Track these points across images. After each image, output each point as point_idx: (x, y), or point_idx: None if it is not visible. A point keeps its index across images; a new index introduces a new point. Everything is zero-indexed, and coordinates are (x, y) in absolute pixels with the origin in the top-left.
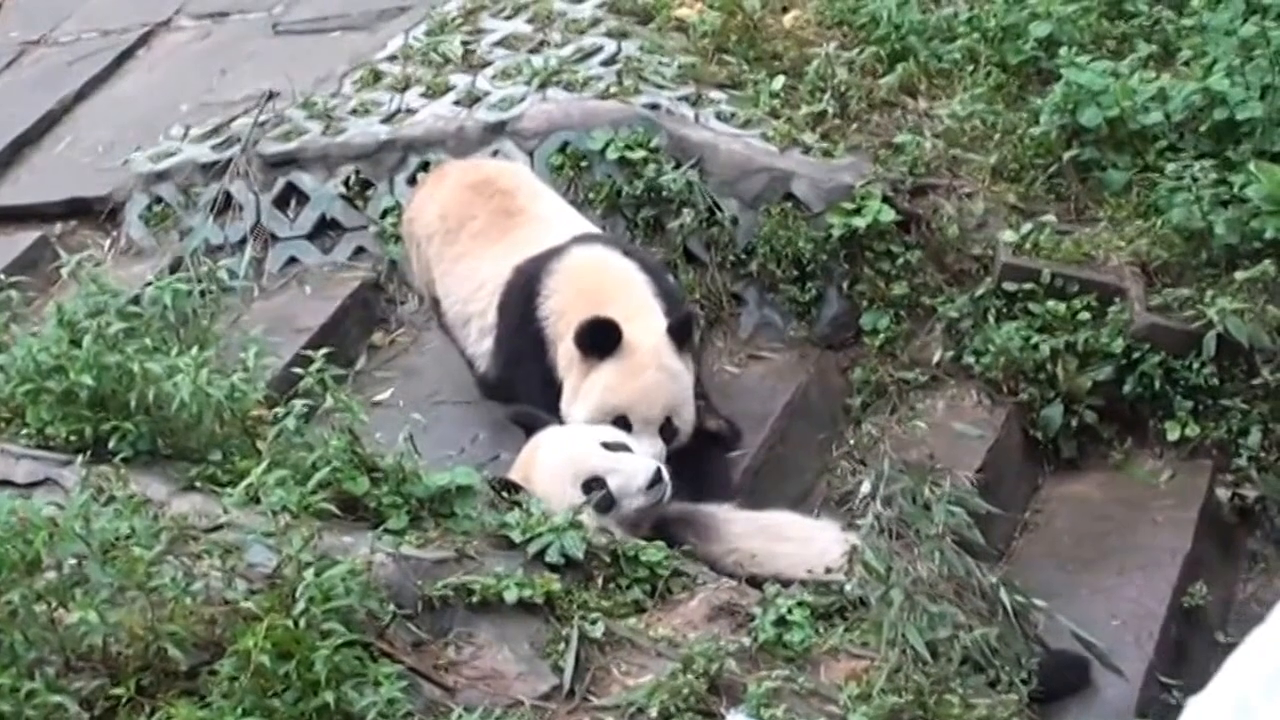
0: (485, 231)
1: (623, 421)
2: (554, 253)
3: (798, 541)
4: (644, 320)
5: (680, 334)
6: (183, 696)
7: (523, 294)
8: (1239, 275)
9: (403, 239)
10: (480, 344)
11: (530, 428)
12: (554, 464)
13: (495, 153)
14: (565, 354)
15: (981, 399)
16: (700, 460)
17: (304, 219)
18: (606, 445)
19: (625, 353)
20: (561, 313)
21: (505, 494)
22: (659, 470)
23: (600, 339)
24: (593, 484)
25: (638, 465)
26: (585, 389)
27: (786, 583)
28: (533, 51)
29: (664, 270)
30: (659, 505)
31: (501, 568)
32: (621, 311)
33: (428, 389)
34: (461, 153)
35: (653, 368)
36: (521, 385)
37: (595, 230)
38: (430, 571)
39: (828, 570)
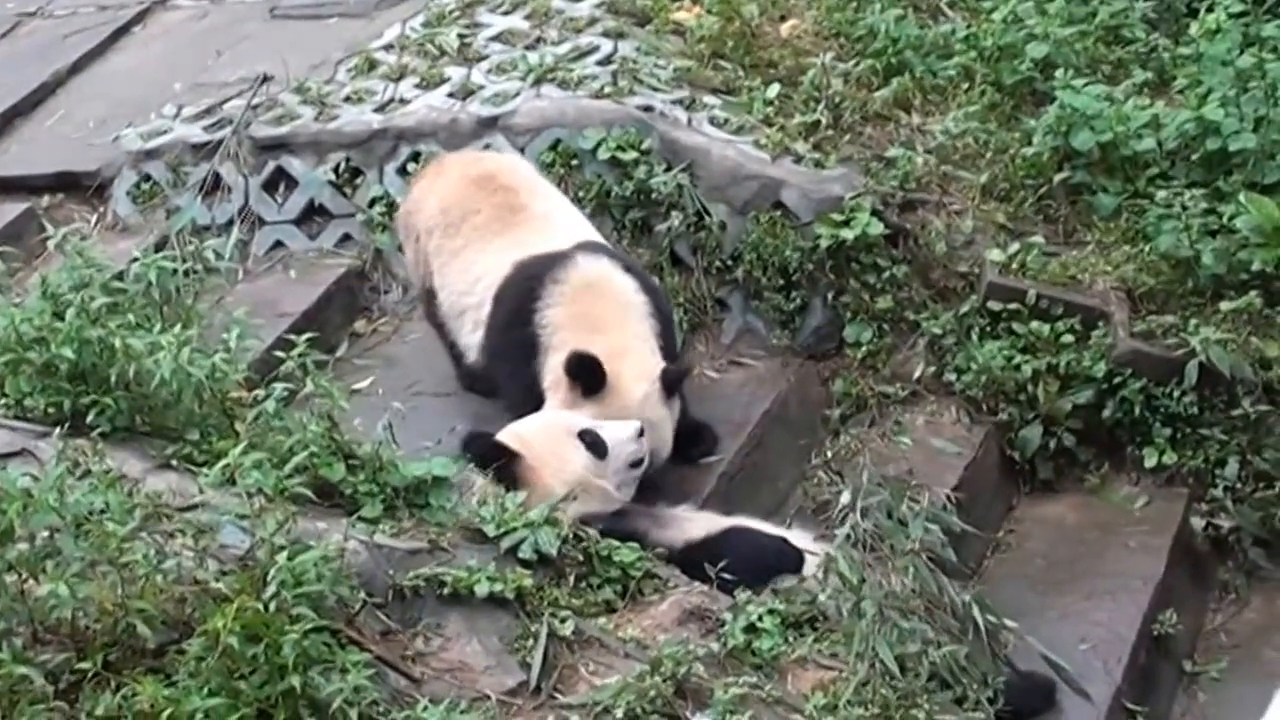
0: (487, 225)
1: None
2: (559, 259)
3: None
4: (638, 358)
5: (673, 385)
6: (149, 674)
7: (521, 294)
8: (1224, 305)
9: (399, 231)
10: (473, 335)
11: (485, 455)
12: (548, 426)
13: (486, 147)
14: (553, 370)
15: (961, 417)
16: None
17: (292, 204)
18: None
19: (611, 394)
20: (558, 326)
21: (483, 456)
22: (641, 427)
23: (586, 376)
24: (587, 434)
25: (621, 423)
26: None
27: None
28: (529, 48)
29: (658, 286)
30: (641, 466)
31: (474, 561)
32: (619, 342)
33: (408, 379)
34: (453, 145)
35: (635, 418)
36: (504, 383)
37: (597, 237)
38: (402, 561)
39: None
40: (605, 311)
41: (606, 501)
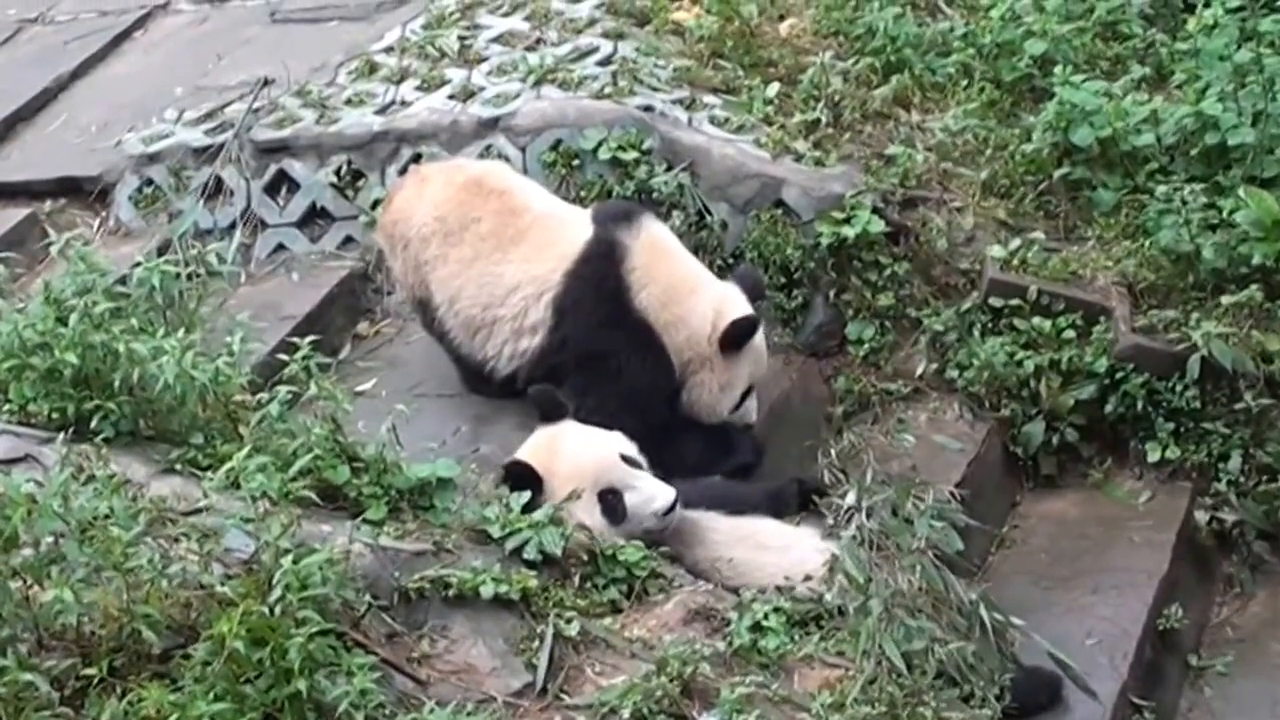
0: (497, 233)
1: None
2: (610, 244)
3: (777, 550)
4: (734, 300)
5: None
6: (155, 679)
7: (604, 290)
8: (1225, 300)
9: (381, 242)
10: (514, 344)
11: (548, 413)
12: (580, 463)
13: (488, 148)
14: (692, 347)
15: (963, 413)
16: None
17: (294, 206)
18: (624, 458)
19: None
20: (663, 303)
21: (519, 481)
22: (675, 500)
23: (747, 335)
24: (609, 495)
25: (657, 489)
26: (730, 381)
27: (764, 590)
28: (529, 49)
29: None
30: (664, 532)
31: (479, 562)
32: (716, 291)
33: (411, 380)
34: (455, 147)
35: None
36: (626, 376)
37: (613, 207)
38: (407, 563)
39: (806, 578)
40: (689, 270)
41: None
